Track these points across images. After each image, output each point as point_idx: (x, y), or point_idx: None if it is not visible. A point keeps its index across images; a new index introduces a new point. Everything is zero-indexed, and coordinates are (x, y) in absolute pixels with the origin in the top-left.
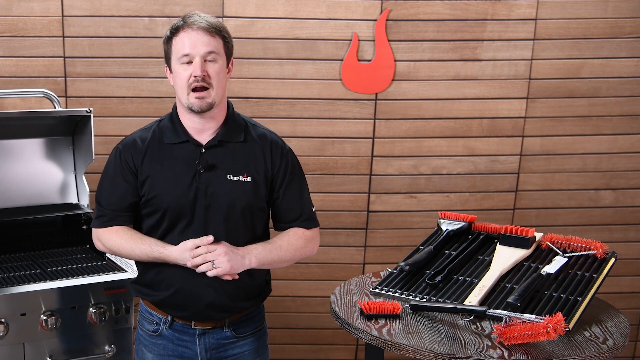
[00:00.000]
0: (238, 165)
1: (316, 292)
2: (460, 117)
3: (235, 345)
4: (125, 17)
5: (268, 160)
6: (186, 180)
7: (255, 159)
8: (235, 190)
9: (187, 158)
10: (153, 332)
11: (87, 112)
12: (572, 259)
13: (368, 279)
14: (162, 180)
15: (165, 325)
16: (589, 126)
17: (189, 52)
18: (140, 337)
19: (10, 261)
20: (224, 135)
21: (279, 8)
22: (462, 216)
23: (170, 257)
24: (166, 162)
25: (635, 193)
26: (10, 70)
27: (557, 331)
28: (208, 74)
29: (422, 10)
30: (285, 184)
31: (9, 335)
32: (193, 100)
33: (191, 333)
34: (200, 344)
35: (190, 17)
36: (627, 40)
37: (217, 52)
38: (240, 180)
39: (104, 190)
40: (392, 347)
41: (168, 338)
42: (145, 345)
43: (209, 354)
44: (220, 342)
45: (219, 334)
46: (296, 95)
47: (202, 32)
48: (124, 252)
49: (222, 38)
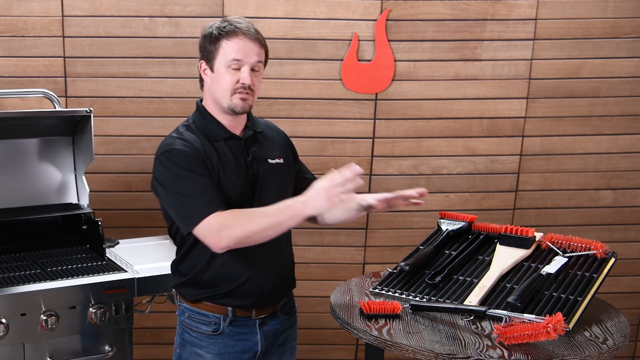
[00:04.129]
0: (269, 150)
1: (316, 292)
2: (460, 117)
3: (285, 325)
4: (125, 17)
5: (283, 141)
6: (242, 172)
7: (277, 142)
8: (277, 172)
9: (235, 151)
10: (213, 332)
11: (87, 112)
12: (572, 259)
13: (368, 279)
14: (223, 175)
15: (225, 322)
16: (589, 126)
17: (240, 58)
18: (194, 340)
19: (10, 261)
20: (252, 127)
21: (279, 8)
22: (462, 216)
23: (306, 210)
24: (222, 158)
25: (635, 193)
26: (10, 70)
27: (557, 331)
28: (254, 82)
29: (422, 10)
30: (298, 158)
31: (9, 335)
32: (237, 101)
33: (251, 324)
34: (260, 333)
35: (241, 24)
36: (627, 40)
37: (263, 62)
38: (278, 162)
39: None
40: (392, 347)
41: (229, 335)
42: (202, 346)
43: (268, 341)
44: (275, 327)
45: (274, 320)
46: (296, 95)
47: (254, 42)
48: (252, 226)
49: (265, 49)
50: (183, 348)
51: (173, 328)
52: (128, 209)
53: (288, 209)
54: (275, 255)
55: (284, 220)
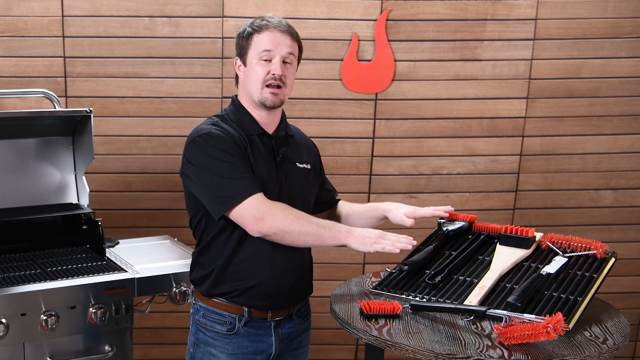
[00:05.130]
0: (299, 154)
1: (316, 292)
2: (460, 117)
3: (300, 328)
4: (125, 17)
5: (312, 148)
6: (271, 170)
7: (305, 148)
8: (304, 177)
9: (266, 148)
10: (227, 332)
11: (87, 112)
12: (572, 259)
13: (368, 279)
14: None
15: (240, 323)
16: (589, 126)
17: (271, 49)
18: (208, 339)
19: (10, 261)
20: (285, 128)
21: (279, 8)
22: (462, 216)
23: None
24: (255, 152)
25: (635, 193)
26: (10, 70)
27: (557, 331)
28: (285, 74)
29: (422, 10)
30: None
31: (9, 335)
32: (267, 94)
33: (266, 326)
34: (275, 335)
35: (273, 19)
36: (627, 40)
37: (295, 55)
38: (305, 167)
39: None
40: (392, 347)
41: (243, 335)
42: (216, 346)
43: (282, 344)
44: (290, 330)
45: (289, 323)
46: (296, 95)
47: (286, 34)
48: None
49: (299, 44)
50: (197, 347)
51: (173, 328)
52: (128, 209)
53: (334, 229)
54: (296, 259)
55: (325, 237)
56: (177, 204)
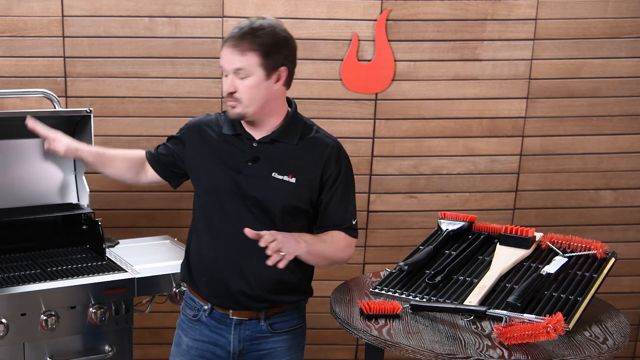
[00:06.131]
0: (286, 165)
1: (316, 292)
2: (460, 117)
3: (270, 340)
4: (125, 17)
5: (321, 165)
6: (232, 169)
7: (306, 162)
8: (278, 188)
9: (241, 150)
10: (192, 317)
11: (87, 112)
12: (572, 259)
13: (368, 279)
14: (210, 163)
15: (205, 313)
16: (589, 126)
17: (223, 66)
18: (181, 321)
19: (10, 261)
20: (278, 135)
21: (279, 8)
22: (462, 216)
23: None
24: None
25: (635, 193)
26: (10, 70)
27: (557, 331)
28: (237, 89)
29: (422, 10)
30: (334, 190)
31: (9, 335)
32: (228, 108)
33: (228, 323)
34: (234, 333)
35: (235, 29)
36: (627, 40)
37: (247, 69)
38: (285, 179)
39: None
40: (392, 347)
41: (206, 324)
42: (183, 329)
43: (242, 344)
44: (255, 334)
45: (254, 327)
46: (296, 95)
47: (232, 50)
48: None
49: (258, 52)
50: (177, 329)
51: (173, 328)
52: (128, 209)
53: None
54: (244, 262)
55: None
56: (177, 204)
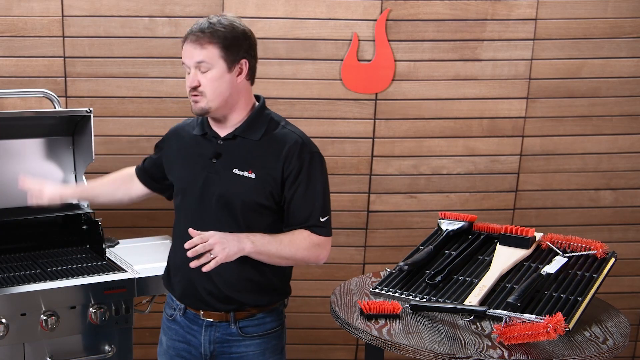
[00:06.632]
0: (246, 160)
1: (316, 292)
2: (460, 117)
3: (241, 343)
4: (125, 17)
5: (280, 160)
6: (199, 168)
7: (267, 157)
8: (237, 184)
9: (208, 149)
10: (169, 317)
11: (87, 112)
12: (572, 259)
13: (368, 279)
14: (182, 165)
15: (179, 312)
16: (589, 126)
17: (184, 62)
18: (162, 320)
19: (10, 261)
20: (240, 131)
21: (279, 8)
22: (462, 216)
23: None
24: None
25: (635, 193)
26: (10, 70)
27: (557, 331)
28: (200, 82)
29: (422, 10)
30: (296, 187)
31: (9, 335)
32: (192, 104)
33: (200, 323)
34: (205, 335)
35: (195, 25)
36: (627, 40)
37: (209, 62)
38: (245, 175)
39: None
40: (392, 347)
41: (180, 324)
42: (163, 328)
43: (213, 346)
44: (225, 337)
45: (225, 329)
46: (296, 95)
47: (193, 44)
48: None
49: (218, 45)
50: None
51: None
52: (128, 209)
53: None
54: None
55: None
56: None
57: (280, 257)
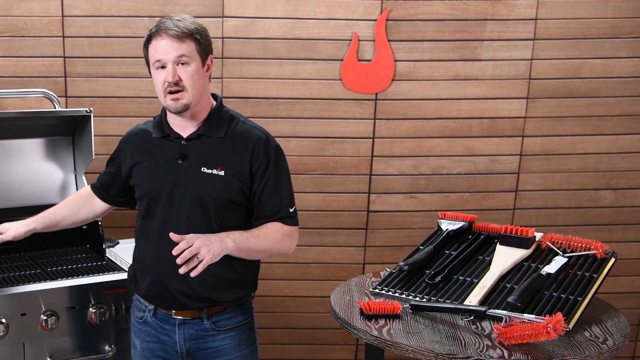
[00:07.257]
0: (214, 158)
1: (316, 292)
2: (460, 117)
3: (216, 338)
4: (125, 17)
5: (248, 156)
6: (164, 170)
7: (234, 154)
8: (208, 182)
9: (171, 150)
10: (139, 319)
11: (87, 112)
12: (572, 259)
13: (368, 279)
14: (144, 169)
15: (149, 313)
16: (589, 126)
17: (160, 58)
18: (132, 324)
19: (10, 261)
20: (204, 130)
21: (279, 8)
22: (462, 216)
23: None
24: (151, 153)
25: (635, 193)
26: (10, 70)
27: (557, 331)
28: (180, 77)
29: (422, 10)
30: (265, 181)
31: (9, 335)
32: (169, 102)
33: (172, 322)
34: (179, 333)
35: (163, 24)
36: (627, 40)
37: (189, 55)
38: (214, 173)
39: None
40: (392, 347)
41: (152, 325)
42: (134, 331)
43: (188, 344)
44: (199, 333)
45: (198, 326)
46: (296, 95)
47: (171, 39)
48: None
49: (194, 40)
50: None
51: None
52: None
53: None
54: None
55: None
56: None
57: (259, 251)
